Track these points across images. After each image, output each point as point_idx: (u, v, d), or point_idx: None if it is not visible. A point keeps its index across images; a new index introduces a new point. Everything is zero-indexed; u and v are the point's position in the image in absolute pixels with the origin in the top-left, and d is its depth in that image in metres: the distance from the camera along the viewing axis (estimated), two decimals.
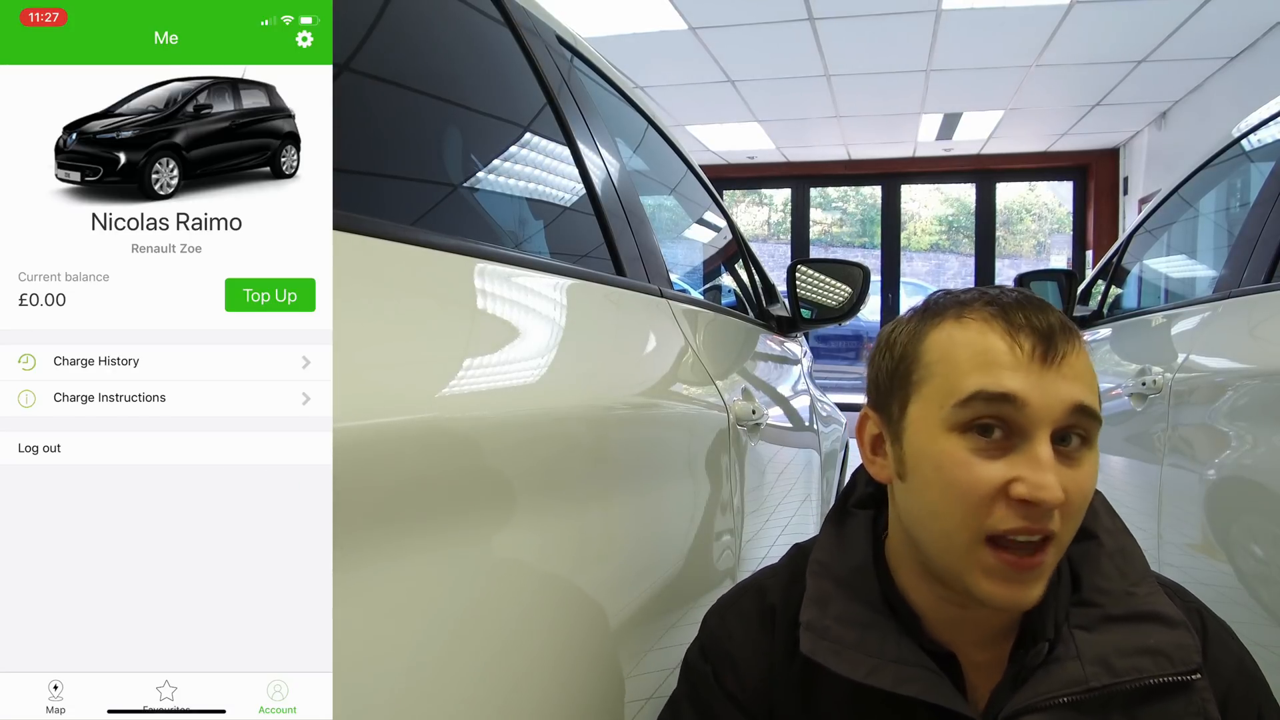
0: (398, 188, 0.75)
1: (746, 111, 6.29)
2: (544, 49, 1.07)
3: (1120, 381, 1.74)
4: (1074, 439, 0.62)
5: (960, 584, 0.63)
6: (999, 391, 0.60)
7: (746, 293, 1.96)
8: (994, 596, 0.62)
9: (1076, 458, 0.62)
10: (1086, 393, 0.62)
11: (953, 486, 0.62)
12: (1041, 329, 0.62)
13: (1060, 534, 0.61)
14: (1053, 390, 0.61)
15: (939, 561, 0.65)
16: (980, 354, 0.62)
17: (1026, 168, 7.76)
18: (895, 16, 4.39)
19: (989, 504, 0.61)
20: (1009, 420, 0.61)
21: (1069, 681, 0.63)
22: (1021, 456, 0.60)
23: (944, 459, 0.62)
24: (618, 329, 0.96)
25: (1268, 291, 1.28)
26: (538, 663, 0.63)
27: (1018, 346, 0.61)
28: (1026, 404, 0.60)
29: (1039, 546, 0.61)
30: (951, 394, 0.62)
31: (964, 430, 0.62)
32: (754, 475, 1.31)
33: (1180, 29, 4.42)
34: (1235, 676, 0.67)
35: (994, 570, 0.61)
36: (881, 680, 0.64)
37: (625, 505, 0.81)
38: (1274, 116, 1.57)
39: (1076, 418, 0.61)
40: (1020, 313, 0.63)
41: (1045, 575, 0.62)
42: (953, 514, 0.62)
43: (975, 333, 0.63)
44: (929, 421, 0.64)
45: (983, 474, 0.61)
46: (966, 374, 0.62)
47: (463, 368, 0.60)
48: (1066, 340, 0.62)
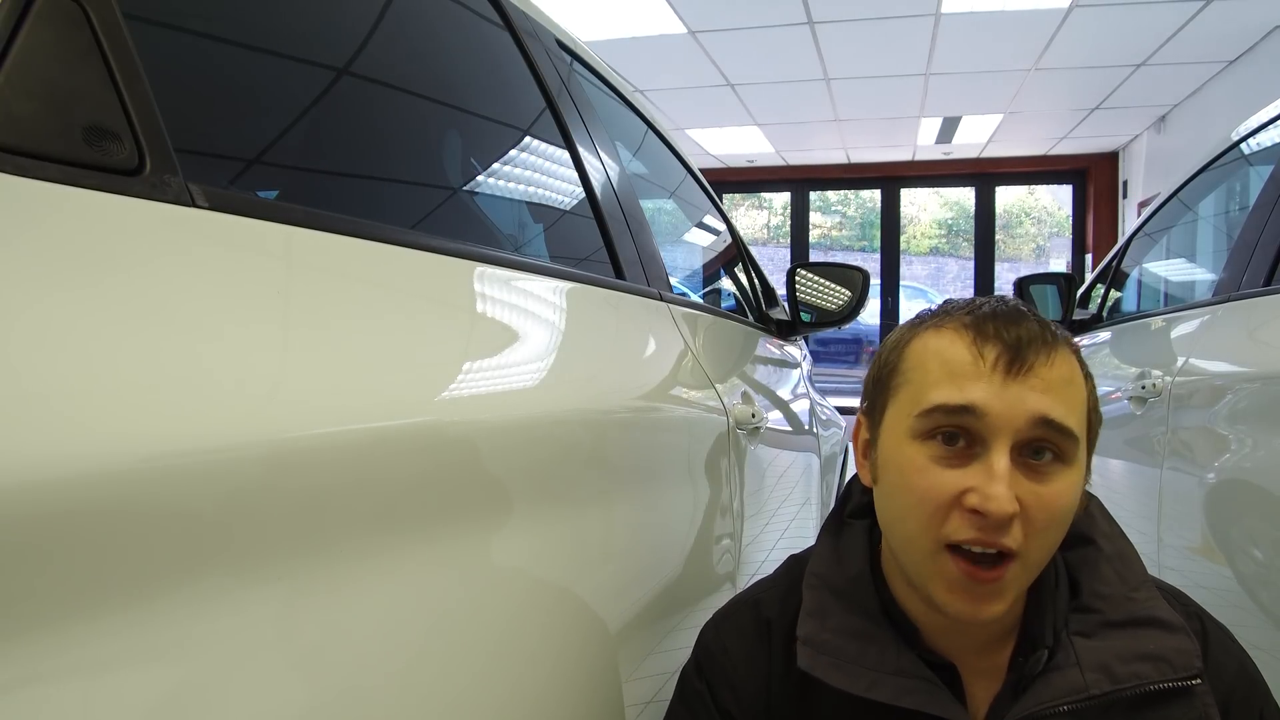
0: (397, 191, 0.75)
1: (746, 115, 6.30)
2: (544, 53, 1.07)
3: (1120, 385, 1.74)
4: (1046, 454, 0.61)
5: (924, 591, 0.63)
6: (958, 404, 0.60)
7: (746, 296, 1.96)
8: (951, 607, 0.61)
9: (1047, 473, 0.60)
10: (1056, 407, 0.60)
11: (911, 492, 0.62)
12: (1009, 340, 0.61)
13: (1026, 552, 0.60)
14: (1014, 401, 0.60)
15: (908, 569, 0.65)
16: (945, 364, 0.63)
17: (1026, 171, 7.77)
18: (894, 20, 4.40)
19: (945, 512, 0.60)
20: (971, 430, 0.61)
21: (1069, 689, 0.63)
22: (980, 466, 0.60)
23: (906, 465, 0.63)
24: (617, 332, 0.96)
25: (1267, 295, 1.28)
26: (537, 666, 0.62)
27: (982, 358, 0.61)
28: (986, 414, 0.60)
29: (997, 561, 0.60)
30: (917, 403, 0.63)
31: (927, 438, 0.62)
32: (753, 479, 1.31)
33: (1179, 33, 4.43)
34: (1236, 680, 0.67)
35: (954, 581, 0.61)
36: (882, 693, 0.64)
37: (625, 509, 0.81)
38: (1273, 120, 1.57)
39: (1043, 430, 0.60)
40: (992, 324, 0.62)
41: (1007, 593, 0.61)
42: (913, 520, 0.62)
43: (946, 342, 0.64)
44: (898, 428, 0.65)
45: (938, 481, 0.61)
46: (932, 385, 0.63)
47: (462, 371, 0.60)
48: (1037, 352, 0.61)
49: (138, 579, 0.34)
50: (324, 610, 0.43)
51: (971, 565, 0.60)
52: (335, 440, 0.45)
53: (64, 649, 0.32)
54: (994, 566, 0.60)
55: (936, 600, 0.62)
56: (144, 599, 0.34)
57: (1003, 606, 0.61)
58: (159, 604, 0.35)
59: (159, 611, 0.35)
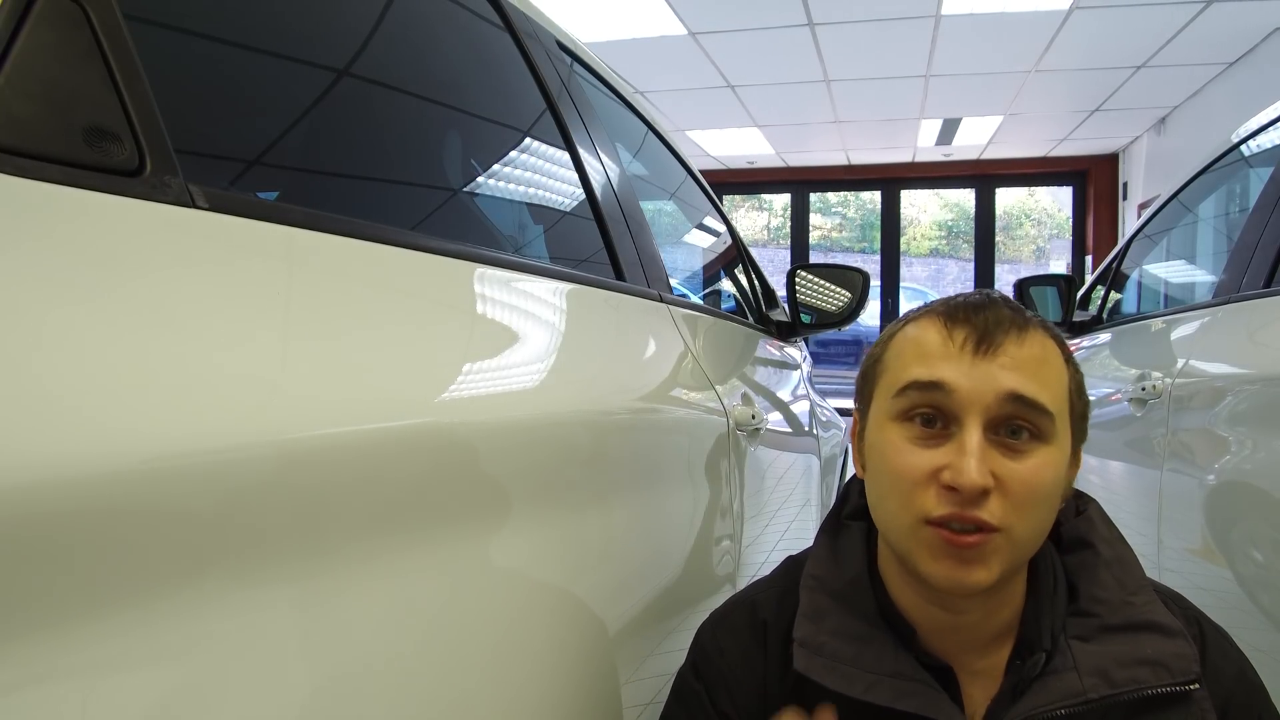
0: (398, 192, 0.75)
1: (746, 116, 6.30)
2: (544, 54, 1.07)
3: (1120, 386, 1.74)
4: (1023, 433, 0.62)
5: (911, 565, 0.64)
6: (928, 380, 0.63)
7: (746, 298, 1.96)
8: (937, 575, 0.62)
9: (1024, 451, 0.62)
10: (1026, 383, 0.62)
11: (890, 472, 0.64)
12: (977, 322, 0.64)
13: (1009, 526, 0.61)
14: (983, 378, 0.62)
15: (895, 546, 0.66)
16: (918, 346, 0.66)
17: (1026, 173, 7.78)
18: (895, 22, 4.40)
19: (922, 489, 0.62)
20: (943, 409, 0.63)
21: (1067, 693, 0.63)
22: (954, 444, 0.62)
23: (887, 447, 0.65)
24: (617, 334, 0.96)
25: (1267, 296, 1.28)
26: (536, 667, 0.62)
27: (951, 340, 0.64)
28: (955, 391, 0.62)
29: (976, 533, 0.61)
30: (893, 385, 0.66)
31: (904, 419, 0.65)
32: (753, 480, 1.31)
33: (1179, 34, 4.43)
34: (1235, 685, 0.67)
35: (937, 548, 0.61)
36: (879, 696, 0.64)
37: (625, 510, 0.81)
38: (1273, 122, 1.58)
39: (1014, 407, 0.62)
40: (963, 310, 0.66)
41: (992, 563, 0.61)
42: (893, 498, 0.64)
43: (921, 330, 0.67)
44: (880, 413, 0.67)
45: (914, 460, 0.63)
46: (906, 366, 0.66)
47: (462, 372, 0.60)
48: (1006, 332, 0.64)
49: (140, 580, 0.34)
50: (324, 611, 0.43)
51: (953, 534, 0.61)
52: (336, 441, 0.45)
53: (65, 650, 0.32)
54: (973, 534, 0.61)
55: (923, 572, 0.63)
56: (146, 600, 0.34)
57: (988, 575, 0.61)
58: (161, 605, 0.35)
59: (161, 612, 0.35)
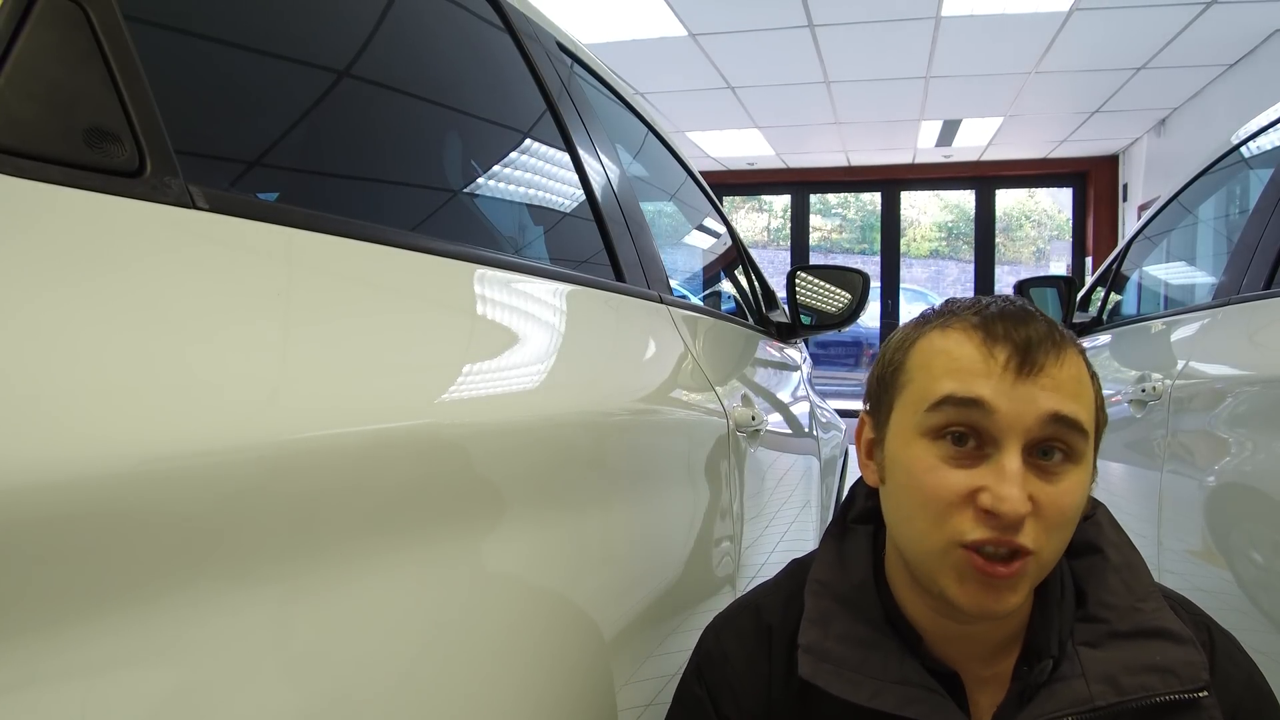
0: (397, 193, 0.75)
1: (746, 118, 6.30)
2: (544, 55, 1.07)
3: (1120, 388, 1.74)
4: (1056, 454, 0.60)
5: (936, 588, 0.62)
6: (967, 396, 0.60)
7: (746, 299, 1.96)
8: (965, 602, 0.60)
9: (1057, 473, 0.60)
10: (1067, 403, 0.60)
11: (920, 491, 0.62)
12: (1019, 341, 0.61)
13: (1041, 550, 0.60)
14: (1025, 400, 0.60)
15: (917, 567, 0.64)
16: (954, 361, 0.63)
17: (1026, 174, 7.78)
18: (895, 23, 4.40)
19: (956, 511, 0.60)
20: (980, 429, 0.60)
21: (1074, 700, 0.62)
22: (991, 466, 0.60)
23: (915, 464, 0.62)
24: (617, 335, 0.96)
25: (1267, 298, 1.28)
26: (536, 669, 0.62)
27: (992, 357, 0.61)
28: (995, 411, 0.60)
29: (1012, 558, 0.60)
30: (925, 399, 0.63)
31: (936, 436, 0.62)
32: (753, 481, 1.31)
33: (1179, 36, 4.43)
34: (1244, 692, 0.66)
35: (966, 574, 0.60)
36: (885, 703, 0.63)
37: (624, 511, 0.81)
38: (1273, 123, 1.58)
39: (1054, 429, 0.60)
40: (1001, 324, 0.62)
41: (1021, 587, 0.61)
42: (922, 518, 0.62)
43: (954, 341, 0.64)
44: (906, 426, 0.64)
45: (948, 481, 0.60)
46: (939, 379, 0.63)
47: (462, 373, 0.60)
48: (1047, 353, 0.61)
49: (136, 581, 0.34)
50: (322, 613, 0.43)
51: (987, 562, 0.59)
52: (335, 443, 0.45)
53: (62, 651, 0.31)
54: (1010, 562, 0.60)
55: (949, 596, 0.61)
56: (142, 601, 0.34)
57: (1017, 600, 0.61)
58: (157, 606, 0.35)
59: (157, 614, 0.35)
